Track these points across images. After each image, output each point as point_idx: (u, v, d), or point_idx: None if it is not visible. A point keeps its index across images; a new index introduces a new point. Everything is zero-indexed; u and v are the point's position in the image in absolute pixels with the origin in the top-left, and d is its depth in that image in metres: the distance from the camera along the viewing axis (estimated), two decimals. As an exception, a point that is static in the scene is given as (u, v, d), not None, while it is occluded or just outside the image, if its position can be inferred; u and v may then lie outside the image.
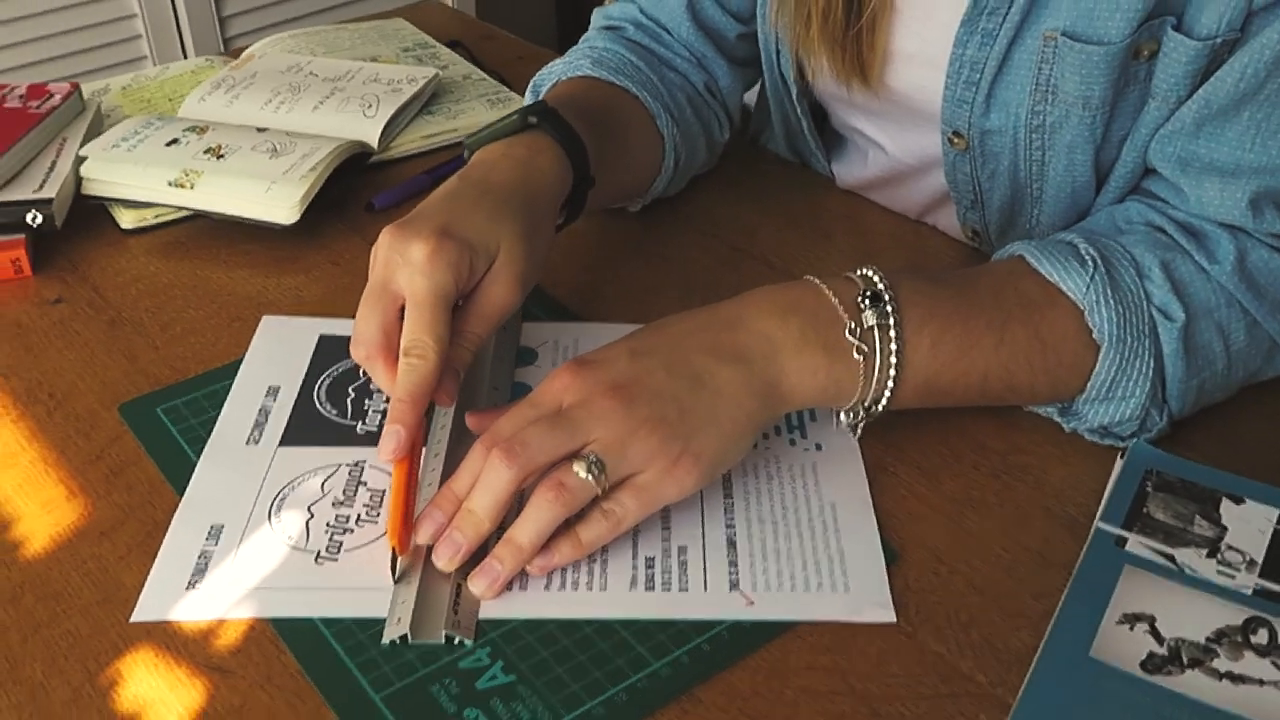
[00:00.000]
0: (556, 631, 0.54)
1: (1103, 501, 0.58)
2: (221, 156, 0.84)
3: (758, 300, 0.60)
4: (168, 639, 0.54)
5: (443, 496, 0.57)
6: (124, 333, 0.75)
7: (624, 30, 0.87)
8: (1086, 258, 0.62)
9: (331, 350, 0.72)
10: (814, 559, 0.58)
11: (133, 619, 0.54)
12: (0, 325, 0.75)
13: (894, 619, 0.55)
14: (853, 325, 0.59)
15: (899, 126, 0.82)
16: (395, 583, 0.56)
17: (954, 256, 0.83)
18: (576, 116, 0.72)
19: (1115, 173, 0.70)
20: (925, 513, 0.61)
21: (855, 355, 0.59)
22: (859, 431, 0.64)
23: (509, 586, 0.56)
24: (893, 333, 0.59)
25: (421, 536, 0.56)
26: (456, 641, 0.53)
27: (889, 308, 0.59)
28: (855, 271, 0.61)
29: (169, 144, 0.85)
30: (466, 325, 0.62)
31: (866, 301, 0.59)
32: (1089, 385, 0.62)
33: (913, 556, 0.58)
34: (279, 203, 0.81)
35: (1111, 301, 0.61)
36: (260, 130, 0.88)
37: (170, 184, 0.82)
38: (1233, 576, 0.54)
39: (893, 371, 0.59)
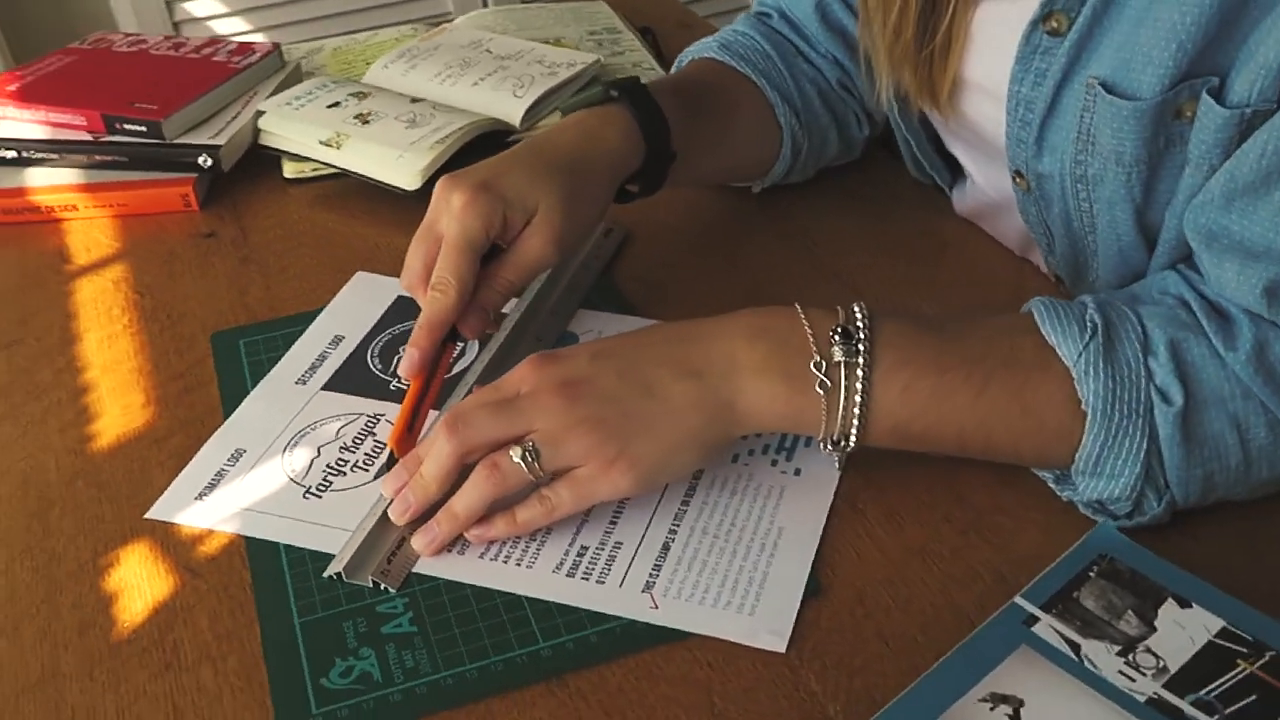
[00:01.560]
0: (471, 596, 0.59)
1: (1036, 577, 0.56)
2: (368, 122, 0.93)
3: (733, 320, 0.62)
4: (165, 537, 0.63)
5: (410, 459, 0.63)
6: (247, 270, 0.85)
7: (769, 18, 0.90)
8: (1088, 323, 0.59)
9: (402, 310, 0.79)
10: (734, 578, 0.59)
11: (146, 516, 0.64)
12: (158, 250, 0.88)
13: (783, 649, 0.56)
14: (819, 359, 0.59)
15: (983, 157, 0.79)
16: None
17: (1042, 300, 0.80)
18: (673, 95, 0.76)
19: (1162, 237, 0.65)
20: (873, 555, 0.61)
21: (817, 389, 0.59)
22: (839, 463, 0.64)
23: (450, 548, 0.61)
24: (859, 372, 0.59)
25: (386, 490, 0.62)
26: (382, 588, 0.59)
27: (859, 346, 0.59)
28: (848, 305, 0.61)
29: (330, 106, 0.95)
30: (501, 272, 0.69)
31: (837, 336, 0.59)
32: (1077, 457, 0.59)
33: (837, 594, 0.58)
34: (405, 169, 0.89)
35: (1102, 373, 0.58)
36: (414, 101, 0.97)
37: (321, 142, 0.92)
38: (1133, 680, 0.51)
39: (858, 410, 0.59)
